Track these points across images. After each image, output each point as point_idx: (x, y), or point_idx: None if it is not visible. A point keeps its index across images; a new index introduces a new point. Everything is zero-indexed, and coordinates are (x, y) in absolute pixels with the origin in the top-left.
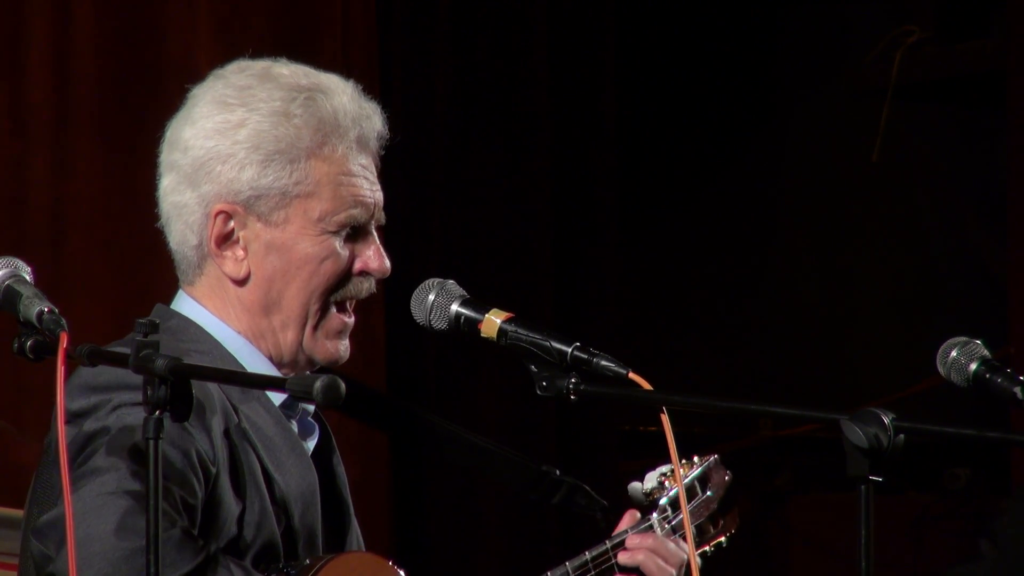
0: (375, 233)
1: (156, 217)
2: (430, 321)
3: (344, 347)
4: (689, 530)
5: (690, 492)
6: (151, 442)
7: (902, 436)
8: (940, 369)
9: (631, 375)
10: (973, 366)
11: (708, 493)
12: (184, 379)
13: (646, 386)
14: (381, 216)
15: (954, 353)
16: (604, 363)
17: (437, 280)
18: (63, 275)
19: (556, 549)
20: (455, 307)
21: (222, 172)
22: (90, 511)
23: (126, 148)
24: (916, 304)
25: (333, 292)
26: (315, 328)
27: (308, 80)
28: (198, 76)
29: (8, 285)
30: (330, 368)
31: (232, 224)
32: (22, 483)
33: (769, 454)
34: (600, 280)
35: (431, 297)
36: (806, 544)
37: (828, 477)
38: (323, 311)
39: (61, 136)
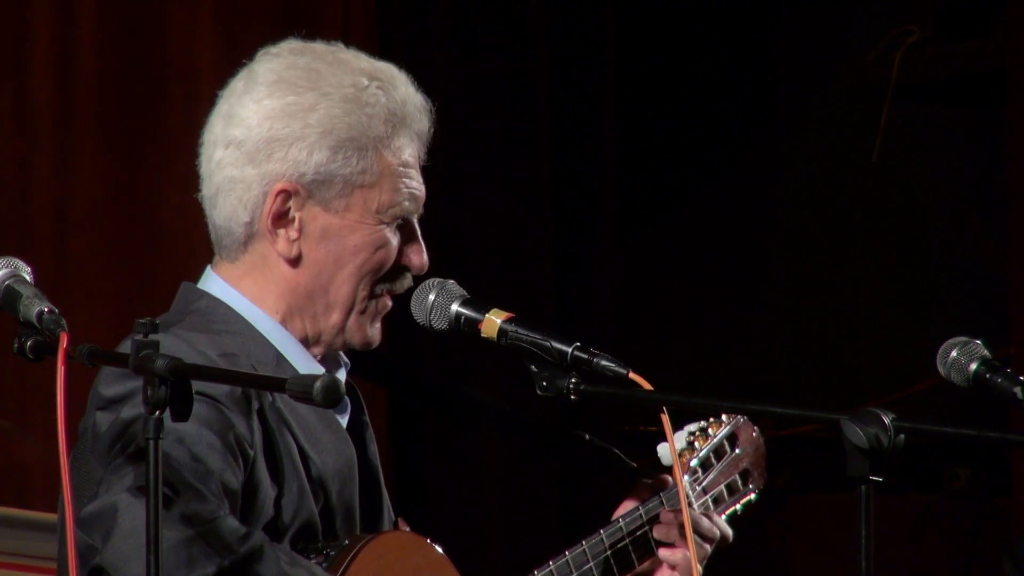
0: (418, 228)
1: (159, 215)
2: (430, 321)
3: (379, 330)
4: (689, 531)
5: (719, 450)
6: (151, 442)
7: (902, 436)
8: (940, 369)
9: (631, 375)
10: (973, 366)
11: (737, 451)
12: (184, 379)
13: (646, 386)
14: (422, 210)
15: (954, 353)
16: (604, 363)
17: (437, 280)
18: (66, 275)
19: (558, 531)
20: (455, 307)
21: (289, 153)
22: (134, 503)
23: (129, 148)
24: (916, 304)
25: (381, 282)
26: (361, 313)
27: (372, 67)
28: (199, 76)
29: (8, 285)
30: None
31: (290, 204)
32: (23, 483)
33: (769, 454)
34: (600, 280)
35: (431, 297)
36: (806, 544)
37: (828, 477)
38: (369, 298)
39: (64, 136)
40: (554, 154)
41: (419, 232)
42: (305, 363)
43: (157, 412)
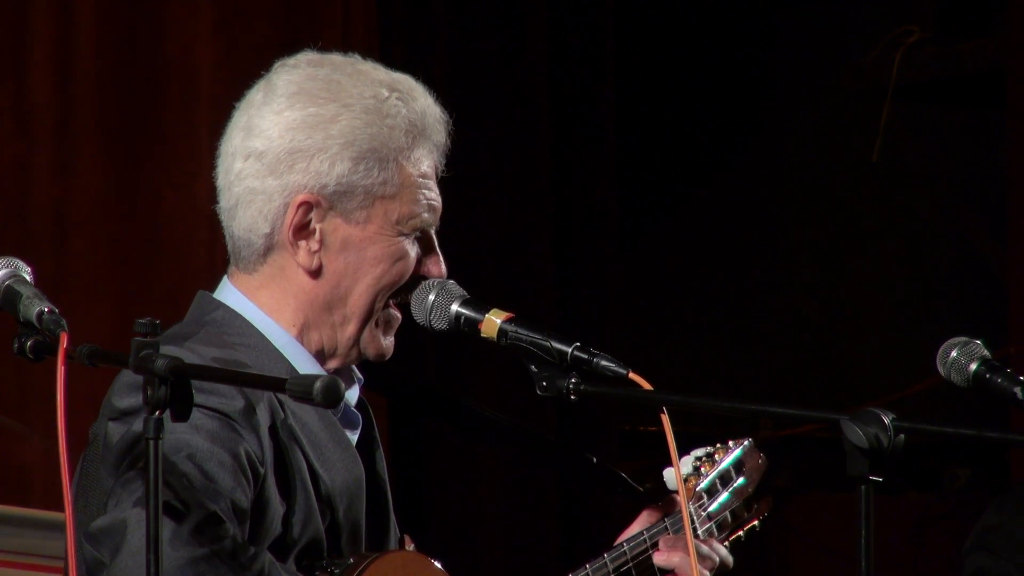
0: (436, 239)
1: (158, 216)
2: (430, 321)
3: (392, 342)
4: (691, 543)
5: (725, 477)
6: (151, 443)
7: (902, 436)
8: (940, 369)
9: (631, 375)
10: (973, 366)
11: (743, 478)
12: (184, 379)
13: (646, 386)
14: (438, 222)
15: (954, 353)
16: (604, 363)
17: (437, 280)
18: (65, 275)
19: (557, 540)
20: (455, 307)
21: (311, 165)
22: (144, 520)
23: (128, 148)
24: (916, 304)
25: (398, 293)
26: (376, 325)
27: (391, 78)
28: (199, 77)
29: (8, 285)
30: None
31: (312, 216)
32: (23, 482)
33: (769, 454)
34: (600, 280)
35: (431, 297)
36: (806, 544)
37: (828, 477)
38: (385, 308)
39: (63, 137)
40: (554, 155)
41: (436, 243)
42: None
43: (157, 412)
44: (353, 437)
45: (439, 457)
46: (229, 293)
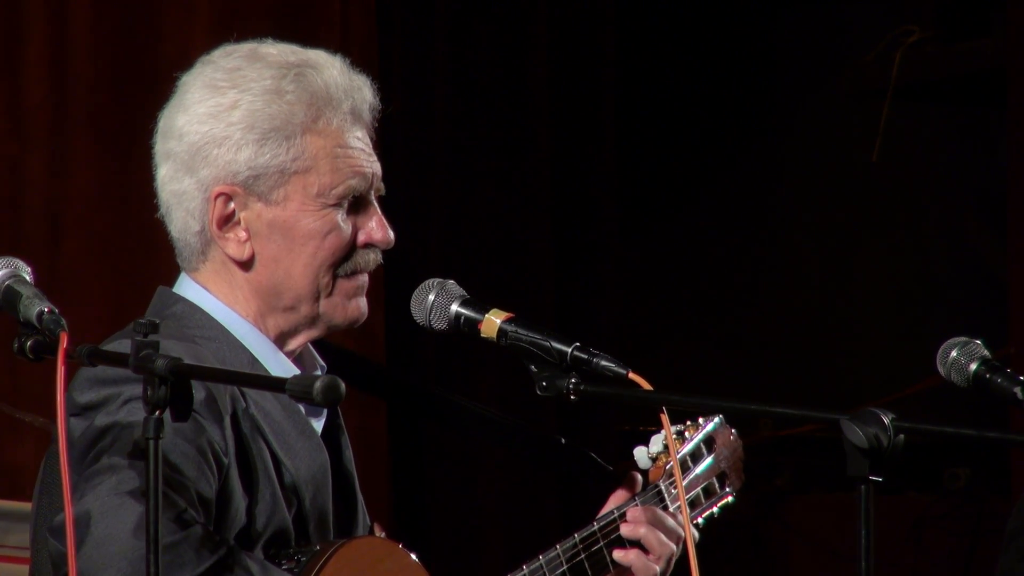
0: (376, 204)
1: (152, 217)
2: (430, 321)
3: (362, 304)
4: (688, 527)
5: (696, 454)
6: (151, 442)
7: (902, 436)
8: (940, 369)
9: (631, 375)
10: (973, 366)
11: (714, 454)
12: (184, 379)
13: (646, 386)
14: (381, 186)
15: (954, 353)
16: (604, 363)
17: (437, 280)
18: (59, 276)
19: (555, 532)
20: (455, 307)
21: (219, 155)
22: (108, 510)
23: (122, 149)
24: (916, 304)
25: (339, 265)
26: (329, 296)
27: (296, 57)
28: None
29: (8, 285)
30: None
31: (232, 206)
32: (15, 480)
33: (769, 454)
34: (600, 280)
35: (431, 297)
36: (806, 544)
37: (828, 477)
38: (333, 282)
39: (57, 137)
40: (554, 154)
41: (378, 207)
42: (280, 367)
43: (157, 412)
44: (318, 425)
45: (438, 457)
46: (188, 287)
